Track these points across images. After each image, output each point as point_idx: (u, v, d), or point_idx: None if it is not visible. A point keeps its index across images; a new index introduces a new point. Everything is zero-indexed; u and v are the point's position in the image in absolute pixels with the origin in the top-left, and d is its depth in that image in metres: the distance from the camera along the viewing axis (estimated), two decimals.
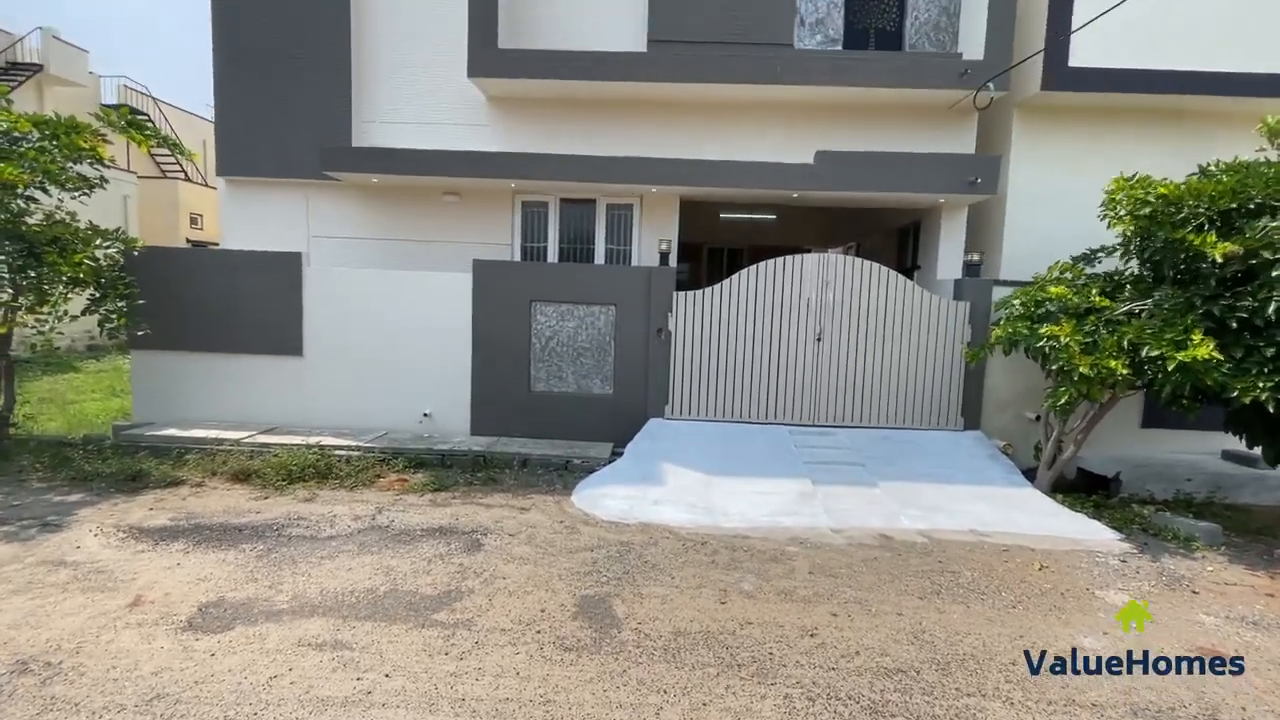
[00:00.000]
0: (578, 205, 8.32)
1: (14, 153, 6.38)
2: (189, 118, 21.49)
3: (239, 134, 8.12)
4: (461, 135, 8.09)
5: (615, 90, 7.77)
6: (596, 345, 7.30)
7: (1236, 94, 7.25)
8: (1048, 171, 7.92)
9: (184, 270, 7.41)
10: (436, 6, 7.94)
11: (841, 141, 7.90)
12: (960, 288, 7.27)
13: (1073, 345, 5.38)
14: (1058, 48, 7.14)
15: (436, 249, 8.26)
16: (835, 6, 7.84)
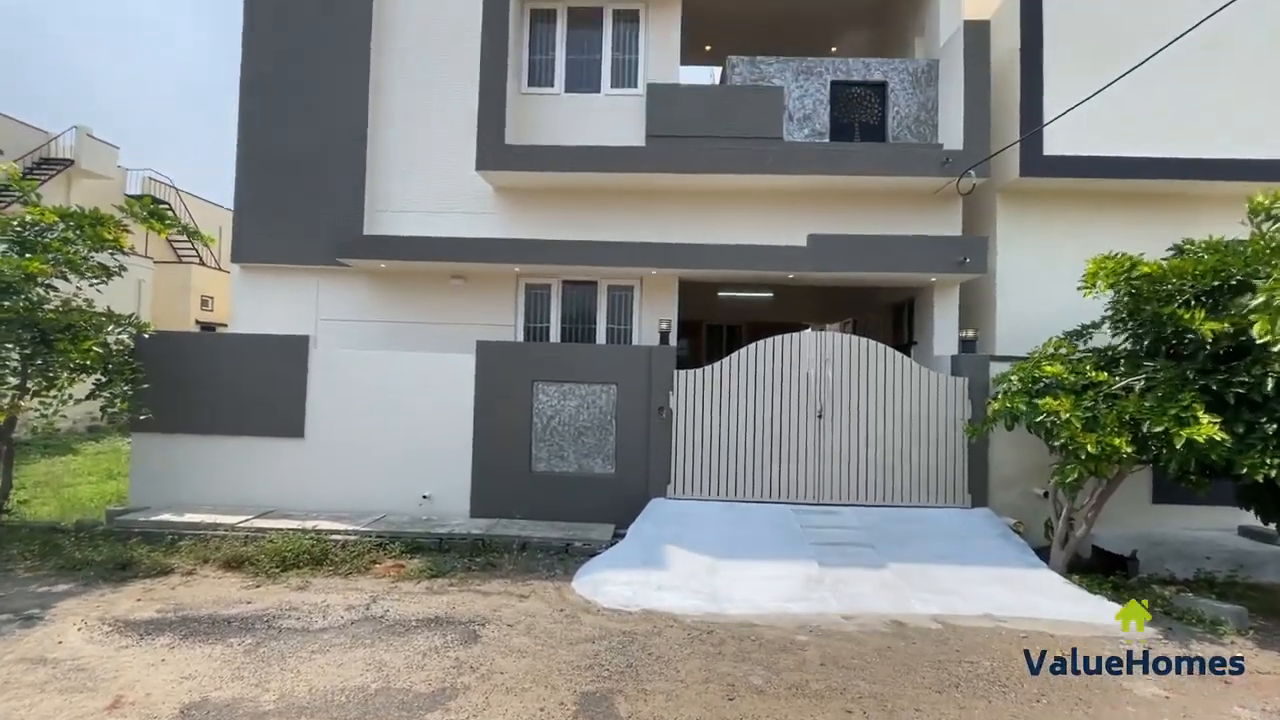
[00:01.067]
0: (579, 287, 8.57)
1: (39, 244, 6.66)
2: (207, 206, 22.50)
3: (255, 224, 8.48)
4: (469, 222, 8.44)
5: (615, 180, 8.19)
6: (598, 424, 7.30)
7: (1207, 178, 7.62)
8: (1033, 250, 8.21)
9: (191, 354, 7.54)
10: (447, 107, 8.49)
11: (834, 224, 8.23)
12: (957, 364, 7.35)
13: (1074, 421, 5.39)
14: (1032, 138, 7.58)
15: (442, 331, 8.43)
16: (821, 103, 8.40)
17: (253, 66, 8.62)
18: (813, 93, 8.41)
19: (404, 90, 8.60)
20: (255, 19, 8.65)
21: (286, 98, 8.53)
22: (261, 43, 8.63)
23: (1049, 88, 7.69)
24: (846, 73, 8.46)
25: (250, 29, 8.65)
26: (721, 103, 8.35)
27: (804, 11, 10.17)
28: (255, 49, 8.64)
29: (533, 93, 8.61)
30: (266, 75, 8.58)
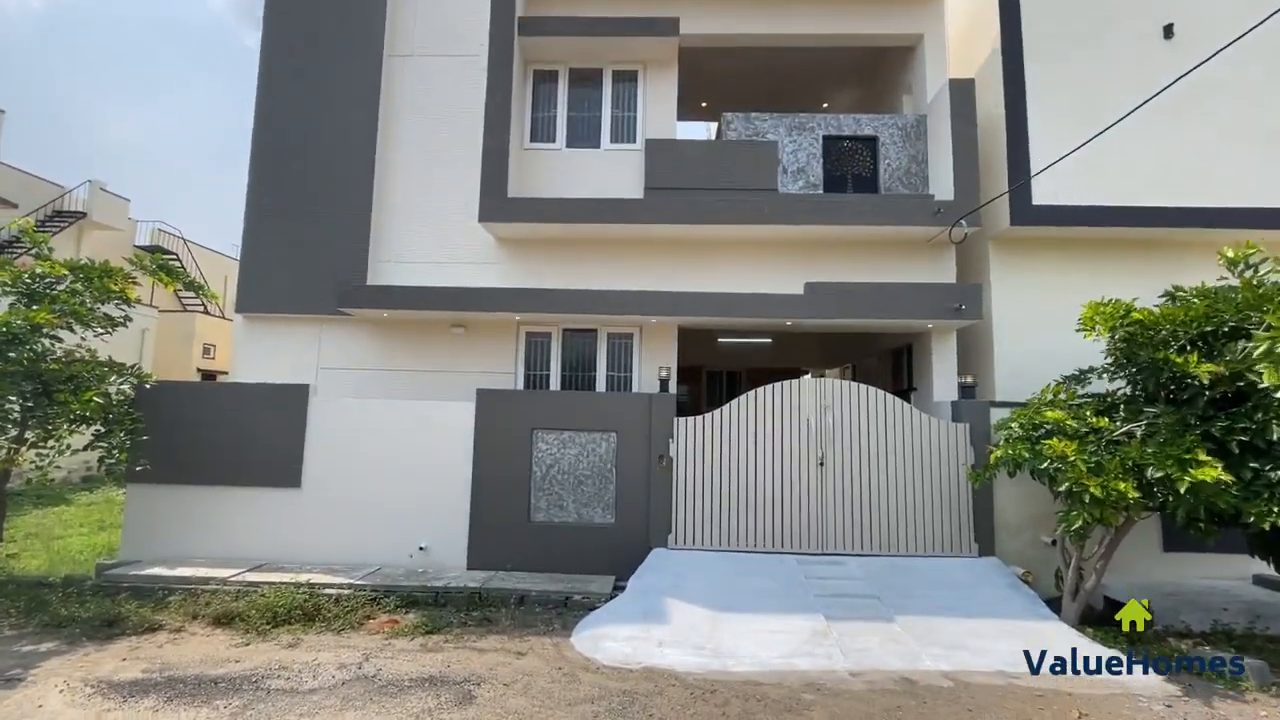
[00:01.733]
0: (580, 335, 8.64)
1: (47, 295, 6.76)
2: (213, 256, 22.90)
3: (261, 276, 8.62)
4: (471, 272, 8.58)
5: (615, 231, 8.37)
6: (598, 473, 7.24)
7: (1191, 225, 7.78)
8: (1028, 296, 8.31)
9: (191, 403, 7.54)
10: (452, 162, 8.74)
11: (830, 272, 8.36)
12: (958, 409, 7.34)
13: (1079, 464, 5.34)
14: (1021, 188, 7.79)
15: (442, 379, 8.45)
16: (814, 157, 8.66)
17: (265, 121, 8.94)
18: (806, 147, 8.69)
19: (410, 146, 8.89)
20: (270, 77, 9.02)
21: (297, 152, 8.80)
22: (275, 99, 8.97)
23: (1034, 140, 7.96)
24: (838, 128, 8.76)
25: (265, 86, 9.01)
26: (718, 156, 8.61)
27: (796, 71, 10.60)
28: (269, 105, 8.97)
29: (535, 148, 8.90)
30: (278, 130, 8.89)
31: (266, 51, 9.08)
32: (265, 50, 9.09)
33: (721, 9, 8.98)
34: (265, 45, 9.11)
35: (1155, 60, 7.97)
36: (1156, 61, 7.94)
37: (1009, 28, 8.22)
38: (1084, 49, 8.17)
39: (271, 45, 9.10)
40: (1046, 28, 8.23)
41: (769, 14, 8.99)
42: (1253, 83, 7.96)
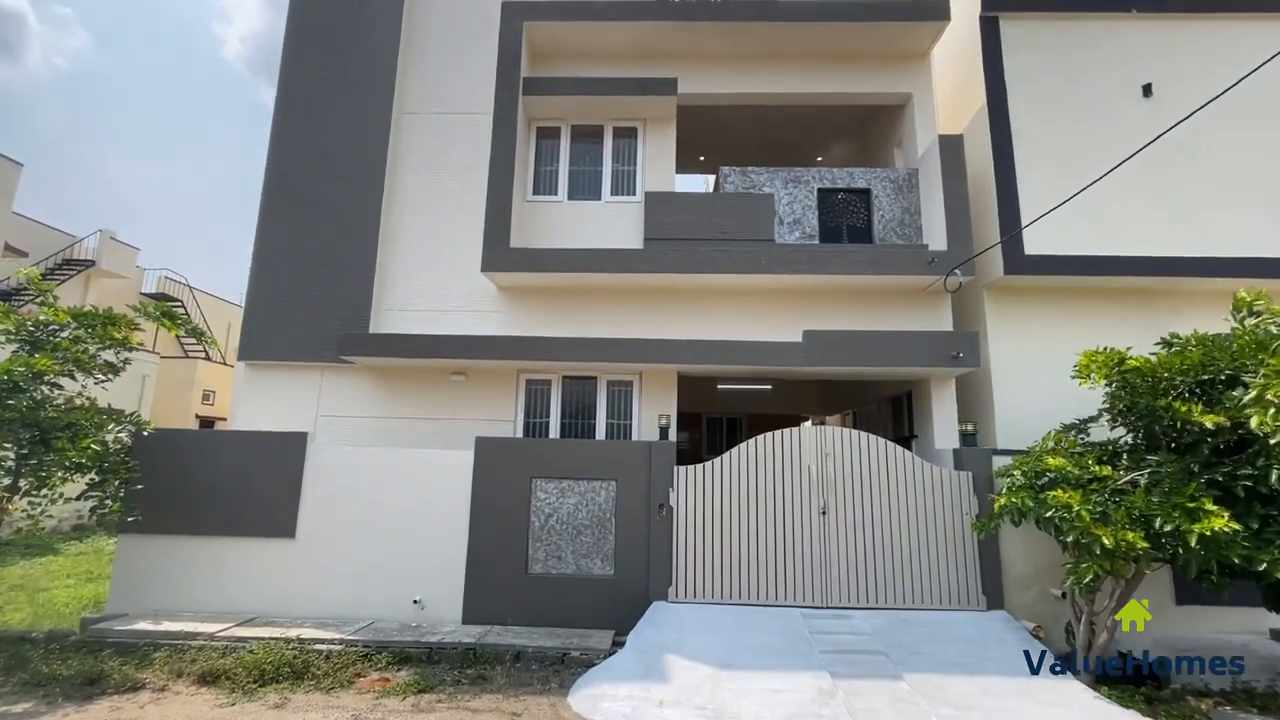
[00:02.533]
0: (579, 382, 8.66)
1: (50, 342, 6.80)
2: (218, 303, 23.15)
3: (264, 323, 8.69)
4: (472, 320, 8.66)
5: (615, 280, 8.49)
6: (597, 522, 7.13)
7: (1182, 274, 7.91)
8: (1025, 343, 8.37)
9: (188, 451, 7.49)
10: (456, 213, 8.95)
11: (828, 320, 8.44)
12: (959, 457, 7.30)
13: (1084, 514, 5.27)
14: (1013, 238, 7.95)
15: (442, 426, 8.41)
16: (810, 208, 8.88)
17: (276, 172, 9.20)
18: (801, 199, 8.91)
19: (416, 198, 9.12)
20: (283, 130, 9.33)
21: (306, 203, 9.02)
22: (286, 151, 9.25)
23: (1024, 191, 8.18)
24: (832, 181, 9.01)
25: (277, 139, 9.31)
26: (715, 208, 8.82)
27: (791, 126, 10.97)
28: (280, 157, 9.24)
29: (537, 200, 9.13)
30: (288, 181, 9.14)
31: (280, 106, 9.43)
32: (279, 104, 9.44)
33: (718, 71, 9.38)
34: (279, 100, 9.47)
35: (1137, 117, 8.28)
36: (1138, 118, 8.24)
37: (994, 88, 8.56)
38: (1067, 107, 8.49)
39: (285, 100, 9.46)
40: (1030, 87, 8.57)
41: (763, 75, 9.39)
42: (1237, 135, 8.22)
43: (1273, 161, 8.22)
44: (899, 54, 9.37)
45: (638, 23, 9.10)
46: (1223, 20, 8.63)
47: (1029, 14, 8.79)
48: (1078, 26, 8.76)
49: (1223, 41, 8.46)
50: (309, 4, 9.84)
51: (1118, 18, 8.72)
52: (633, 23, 9.11)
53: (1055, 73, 8.63)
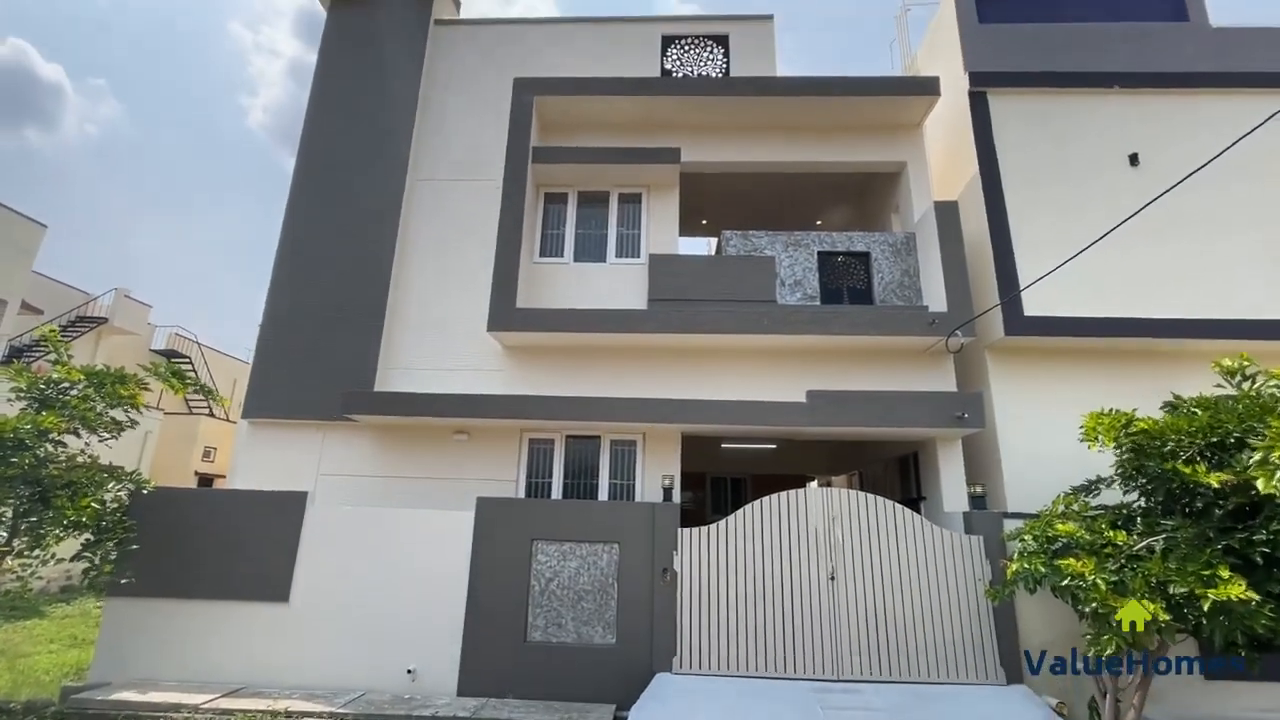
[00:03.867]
0: (583, 441, 8.61)
1: (59, 400, 6.85)
2: (226, 359, 23.38)
3: (271, 382, 8.78)
4: (477, 379, 8.72)
5: (619, 340, 8.59)
6: (599, 588, 6.94)
7: (1180, 336, 7.96)
8: (1030, 404, 8.34)
9: (186, 511, 7.41)
10: (464, 274, 9.18)
11: (831, 380, 8.46)
12: (970, 521, 7.16)
13: (1100, 583, 5.11)
14: (1013, 300, 8.06)
15: (443, 486, 8.33)
16: (810, 270, 9.06)
17: (292, 234, 9.50)
18: (802, 261, 9.11)
19: (425, 260, 9.37)
20: (300, 194, 9.71)
21: (318, 264, 9.27)
22: (302, 214, 9.59)
23: (1020, 254, 8.36)
24: (832, 244, 9.24)
25: (294, 202, 9.67)
26: (718, 270, 9.02)
27: (791, 191, 11.31)
28: (296, 219, 9.58)
29: (543, 262, 9.36)
30: (303, 243, 9.43)
31: (299, 171, 9.84)
32: (298, 170, 9.85)
33: (720, 140, 9.79)
34: (299, 166, 9.88)
35: (1127, 182, 8.55)
36: (1128, 183, 8.52)
37: (985, 157, 8.90)
38: (1058, 173, 8.78)
39: (304, 165, 9.87)
40: (1020, 155, 8.90)
41: (763, 145, 9.79)
42: (1228, 200, 8.44)
43: (1267, 226, 8.42)
44: (893, 125, 9.78)
45: (642, 97, 9.59)
46: (1202, 95, 9.03)
47: (1014, 89, 9.24)
48: (1063, 100, 9.18)
49: (1204, 113, 8.82)
50: (332, 78, 10.43)
51: (1101, 92, 9.15)
52: (637, 97, 9.59)
53: (1045, 142, 8.98)
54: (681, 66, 10.49)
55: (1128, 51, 9.32)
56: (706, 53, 10.52)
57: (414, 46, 10.42)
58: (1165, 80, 9.14)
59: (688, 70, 10.47)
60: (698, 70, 10.46)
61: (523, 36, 10.77)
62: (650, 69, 10.39)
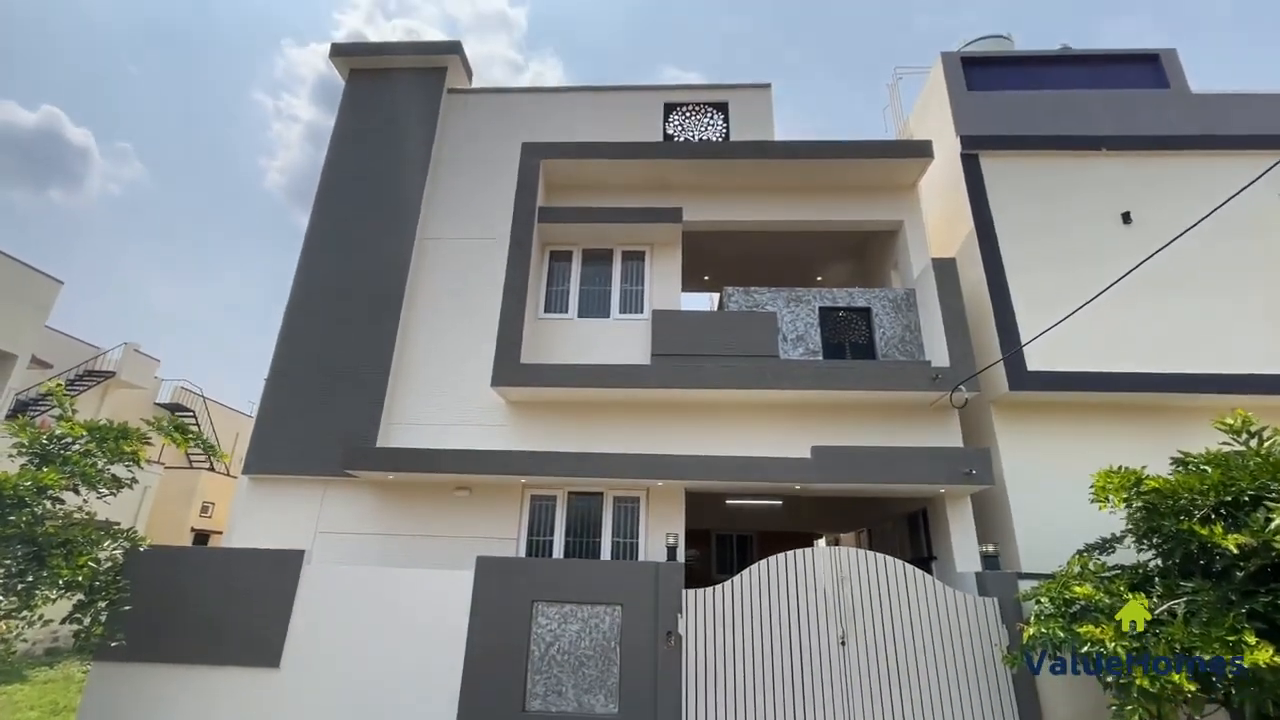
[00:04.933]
0: (585, 498, 8.51)
1: (60, 456, 6.82)
2: (229, 412, 23.39)
3: (273, 438, 8.76)
4: (479, 434, 8.69)
5: (622, 395, 8.61)
6: (600, 652, 6.70)
7: (1182, 390, 7.95)
8: (1038, 458, 8.25)
9: (180, 570, 7.26)
10: (469, 329, 9.30)
11: (836, 435, 8.41)
12: (983, 582, 6.95)
13: (1120, 652, 4.92)
14: (1015, 354, 8.09)
15: (443, 544, 8.18)
16: (812, 326, 9.15)
17: (301, 290, 9.69)
18: (803, 317, 9.21)
19: (431, 316, 9.51)
20: (311, 252, 9.94)
21: (326, 320, 9.41)
22: (313, 271, 9.80)
23: (1020, 309, 8.46)
24: (833, 300, 9.35)
25: (305, 260, 9.89)
26: (720, 325, 9.12)
27: (791, 248, 11.55)
28: (306, 277, 9.78)
29: (548, 318, 9.49)
30: (312, 298, 9.60)
31: (312, 229, 10.13)
32: (311, 228, 10.14)
33: (721, 200, 10.08)
34: (312, 224, 10.18)
35: (1120, 241, 8.73)
36: (1121, 242, 8.69)
37: (980, 215, 9.14)
38: (1053, 230, 8.99)
39: (317, 224, 10.17)
40: (1015, 212, 9.14)
41: (762, 205, 10.07)
42: (1220, 258, 8.57)
43: (1262, 282, 8.52)
44: (889, 186, 10.07)
45: (645, 160, 9.93)
46: (1187, 156, 9.33)
47: (1005, 152, 9.56)
48: (1053, 161, 9.49)
49: (1190, 174, 9.10)
50: (347, 142, 10.86)
51: (1089, 154, 9.46)
52: (641, 160, 9.94)
53: (1038, 201, 9.23)
54: (683, 131, 10.92)
55: (1112, 117, 9.69)
56: (707, 119, 10.96)
57: (427, 113, 10.91)
58: (1151, 143, 9.47)
59: (689, 135, 10.89)
60: (699, 135, 10.88)
61: (531, 104, 11.28)
62: (653, 134, 10.81)
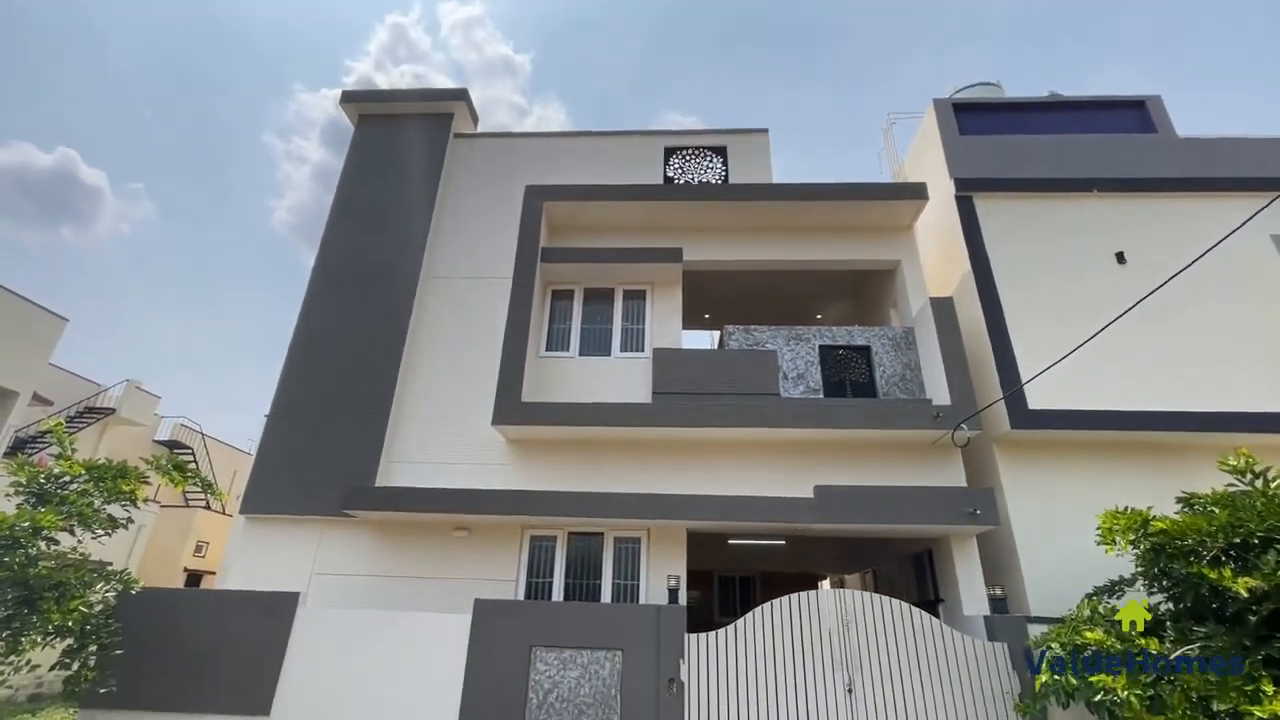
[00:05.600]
0: (586, 538, 8.40)
1: (57, 495, 6.77)
2: (228, 450, 23.25)
3: (272, 477, 8.71)
4: (479, 473, 8.63)
5: (624, 434, 8.58)
6: (600, 700, 6.51)
7: (1184, 429, 7.93)
8: (1043, 497, 8.18)
9: (172, 613, 7.13)
10: (470, 367, 9.34)
11: (838, 474, 8.34)
12: (992, 626, 6.81)
13: (1134, 700, 4.79)
14: (1016, 393, 8.09)
15: (441, 586, 8.03)
16: (812, 364, 9.18)
17: (305, 328, 9.76)
18: (804, 355, 9.25)
19: (434, 353, 9.57)
20: (317, 290, 10.09)
21: (329, 358, 9.46)
22: (317, 310, 9.91)
23: (1019, 347, 8.50)
24: (832, 338, 9.41)
25: (310, 297, 10.02)
26: (721, 363, 9.15)
27: (790, 286, 11.66)
28: (311, 315, 9.88)
29: (549, 356, 9.54)
30: (315, 337, 9.67)
31: (318, 268, 10.28)
32: (317, 267, 10.30)
33: (720, 240, 10.25)
34: (318, 263, 10.34)
35: (1115, 280, 8.84)
36: (1117, 281, 8.80)
37: (976, 255, 9.27)
38: (1049, 269, 9.11)
39: (323, 264, 10.33)
40: (1011, 252, 9.27)
41: (761, 244, 10.23)
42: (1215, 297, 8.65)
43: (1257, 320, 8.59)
44: (885, 227, 10.24)
45: (646, 202, 10.14)
46: (1176, 198, 9.52)
47: (998, 194, 9.76)
48: (1046, 203, 9.68)
49: (1180, 215, 9.28)
50: (356, 184, 11.11)
51: (1081, 196, 9.65)
52: (642, 202, 10.14)
53: (1033, 241, 9.37)
54: (683, 174, 11.17)
55: (1102, 160, 9.93)
56: (706, 162, 11.23)
57: (433, 157, 11.19)
58: (1140, 185, 9.68)
59: (689, 177, 11.14)
60: (698, 177, 11.13)
61: (534, 147, 11.58)
62: (653, 176, 11.06)
